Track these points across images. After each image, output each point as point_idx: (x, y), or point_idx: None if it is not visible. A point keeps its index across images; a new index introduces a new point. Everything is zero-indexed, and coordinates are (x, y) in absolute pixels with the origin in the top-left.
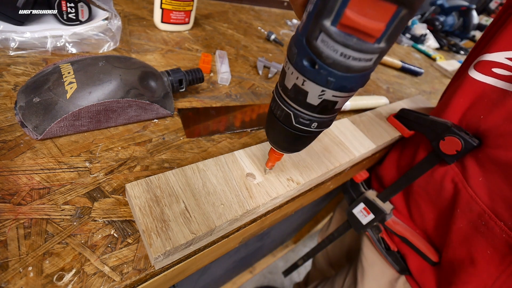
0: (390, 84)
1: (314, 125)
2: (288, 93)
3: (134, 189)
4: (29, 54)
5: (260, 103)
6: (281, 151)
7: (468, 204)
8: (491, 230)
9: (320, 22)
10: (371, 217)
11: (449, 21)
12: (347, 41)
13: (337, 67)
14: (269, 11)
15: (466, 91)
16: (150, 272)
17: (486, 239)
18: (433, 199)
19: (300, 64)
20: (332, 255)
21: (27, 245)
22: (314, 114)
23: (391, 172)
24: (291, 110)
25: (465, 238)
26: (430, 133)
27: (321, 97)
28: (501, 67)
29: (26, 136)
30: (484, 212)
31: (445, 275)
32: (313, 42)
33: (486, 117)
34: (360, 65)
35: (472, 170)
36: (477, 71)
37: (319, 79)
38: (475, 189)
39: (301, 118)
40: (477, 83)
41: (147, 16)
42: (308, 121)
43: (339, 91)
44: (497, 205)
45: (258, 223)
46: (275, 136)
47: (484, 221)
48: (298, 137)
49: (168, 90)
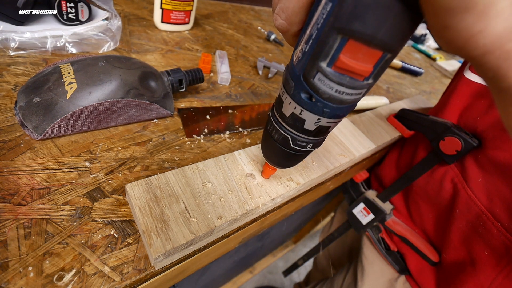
0: (390, 84)
1: (309, 146)
2: (286, 120)
3: (134, 189)
4: (29, 54)
5: (260, 103)
6: (277, 167)
7: (466, 204)
8: (488, 231)
9: (317, 64)
10: (371, 217)
11: None
12: (341, 80)
13: (332, 101)
14: (269, 11)
15: (462, 92)
16: (150, 272)
17: (483, 240)
18: (432, 199)
19: (298, 97)
20: (333, 255)
21: (27, 245)
22: (310, 137)
23: (391, 172)
24: (289, 134)
25: (464, 239)
26: (430, 133)
27: (317, 123)
28: None
29: (26, 136)
30: (482, 213)
31: (445, 275)
32: (310, 79)
33: (482, 118)
34: (352, 98)
35: (472, 170)
36: (472, 72)
37: (316, 110)
38: (474, 190)
39: (298, 141)
40: (473, 84)
41: (147, 16)
42: (304, 143)
43: (333, 118)
44: (495, 206)
45: (258, 223)
46: (271, 155)
47: (482, 221)
48: (293, 156)
49: (168, 90)
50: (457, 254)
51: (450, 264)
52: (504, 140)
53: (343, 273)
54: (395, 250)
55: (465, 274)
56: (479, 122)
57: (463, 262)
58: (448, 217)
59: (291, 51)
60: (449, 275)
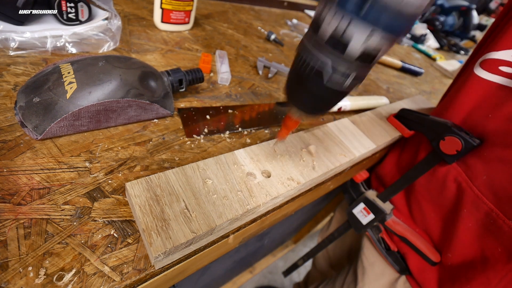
0: (390, 84)
1: (348, 81)
2: (325, 44)
3: (134, 188)
4: (29, 54)
5: (260, 103)
6: (306, 113)
7: (474, 203)
8: (499, 228)
9: None
10: (371, 217)
11: (449, 21)
12: None
13: (391, 7)
14: (269, 11)
15: (472, 89)
16: (150, 272)
17: (496, 237)
18: (435, 198)
19: (348, 3)
20: (332, 255)
21: (27, 245)
22: (351, 67)
23: (391, 172)
24: (326, 64)
25: (476, 237)
26: (430, 133)
27: (365, 42)
28: (508, 65)
29: (26, 136)
30: (491, 211)
31: (448, 274)
32: None
33: (493, 115)
34: (415, 5)
35: (476, 169)
36: (483, 70)
37: (370, 17)
38: (480, 188)
39: (338, 70)
40: (484, 82)
41: (147, 16)
42: (343, 75)
43: (388, 32)
44: (503, 204)
45: (258, 223)
46: (302, 96)
47: (492, 219)
48: (329, 93)
49: (168, 90)
50: (465, 253)
51: (456, 263)
52: None
53: (344, 274)
54: (395, 250)
55: (473, 272)
56: (490, 119)
57: (472, 261)
58: (454, 217)
59: (291, 51)
60: (454, 274)
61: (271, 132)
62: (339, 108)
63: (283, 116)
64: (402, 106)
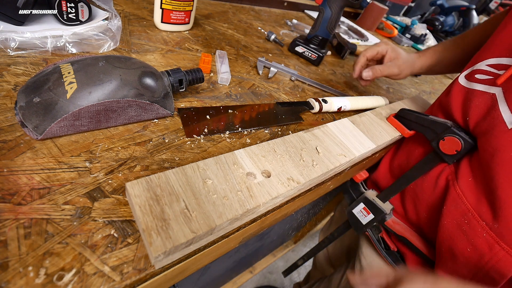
0: (390, 84)
1: None
2: None
3: (134, 187)
4: (29, 54)
5: (260, 103)
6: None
7: (454, 201)
8: (472, 228)
9: None
10: (371, 217)
11: (449, 21)
12: None
13: None
14: (269, 11)
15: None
16: (150, 272)
17: (467, 237)
18: (426, 196)
19: None
20: (332, 255)
21: (27, 245)
22: None
23: (391, 172)
24: None
25: (448, 235)
26: (430, 133)
27: None
28: (482, 73)
29: (26, 136)
30: (468, 211)
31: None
32: None
33: (470, 118)
34: None
35: (464, 170)
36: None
37: None
38: (463, 188)
39: None
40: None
41: (147, 16)
42: None
43: None
44: (482, 206)
45: (258, 223)
46: None
47: (467, 219)
48: None
49: (168, 90)
50: (442, 249)
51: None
52: (489, 138)
53: (341, 272)
54: (394, 250)
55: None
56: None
57: (446, 257)
58: (438, 213)
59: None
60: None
61: (271, 132)
62: (339, 108)
63: (283, 116)
64: (402, 106)
